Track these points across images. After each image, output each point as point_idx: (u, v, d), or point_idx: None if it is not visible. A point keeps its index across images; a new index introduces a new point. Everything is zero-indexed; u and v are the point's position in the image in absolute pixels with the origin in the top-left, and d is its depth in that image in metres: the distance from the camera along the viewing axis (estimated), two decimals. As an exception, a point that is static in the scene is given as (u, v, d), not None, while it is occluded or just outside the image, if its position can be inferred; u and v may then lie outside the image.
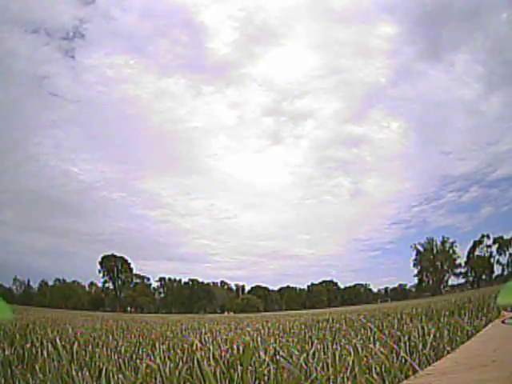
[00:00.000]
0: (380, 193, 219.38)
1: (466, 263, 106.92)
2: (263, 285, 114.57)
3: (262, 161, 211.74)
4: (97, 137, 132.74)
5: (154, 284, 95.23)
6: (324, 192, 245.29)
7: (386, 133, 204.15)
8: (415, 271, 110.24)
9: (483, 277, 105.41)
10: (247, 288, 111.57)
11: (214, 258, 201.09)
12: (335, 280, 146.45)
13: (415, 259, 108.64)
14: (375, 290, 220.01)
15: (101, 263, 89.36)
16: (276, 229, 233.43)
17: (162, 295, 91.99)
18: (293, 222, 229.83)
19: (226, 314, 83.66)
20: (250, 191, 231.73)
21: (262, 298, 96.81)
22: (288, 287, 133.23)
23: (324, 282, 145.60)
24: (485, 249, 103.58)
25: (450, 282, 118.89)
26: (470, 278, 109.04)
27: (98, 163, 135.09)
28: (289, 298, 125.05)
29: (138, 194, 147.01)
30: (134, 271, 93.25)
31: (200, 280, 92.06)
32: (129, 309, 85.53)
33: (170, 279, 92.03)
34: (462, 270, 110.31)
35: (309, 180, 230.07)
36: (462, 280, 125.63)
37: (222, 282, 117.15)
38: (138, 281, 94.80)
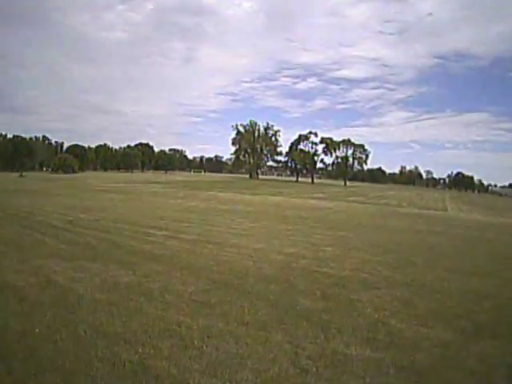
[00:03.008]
0: (213, 63, 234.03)
1: (287, 153, 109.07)
2: (81, 143, 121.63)
3: (105, 17, 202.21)
4: None
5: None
6: (157, 54, 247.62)
7: (235, 10, 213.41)
8: (233, 149, 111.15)
9: (304, 171, 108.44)
10: (66, 145, 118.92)
11: (41, 110, 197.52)
12: (151, 144, 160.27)
13: (234, 138, 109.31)
14: (191, 157, 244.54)
15: None
16: (104, 83, 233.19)
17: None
18: (121, 78, 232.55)
19: (45, 169, 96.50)
20: (87, 45, 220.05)
21: (78, 157, 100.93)
22: (105, 146, 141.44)
23: (140, 144, 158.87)
24: (310, 145, 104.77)
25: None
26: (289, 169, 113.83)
27: None
28: (104, 158, 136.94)
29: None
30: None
31: (23, 136, 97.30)
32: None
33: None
34: (283, 159, 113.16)
35: (145, 40, 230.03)
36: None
37: (43, 136, 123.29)
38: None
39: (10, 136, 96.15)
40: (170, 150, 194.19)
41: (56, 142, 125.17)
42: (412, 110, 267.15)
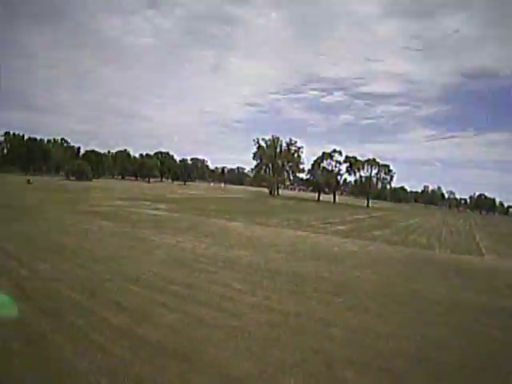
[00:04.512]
0: (240, 73, 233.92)
1: (309, 171, 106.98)
2: (100, 148, 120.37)
3: (133, 21, 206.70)
4: None
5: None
6: (185, 61, 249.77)
7: (264, 20, 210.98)
8: (254, 163, 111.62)
9: (326, 190, 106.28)
10: (85, 149, 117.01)
11: (65, 110, 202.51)
12: (171, 153, 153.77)
13: (255, 152, 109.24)
14: (213, 167, 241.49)
15: None
16: (129, 87, 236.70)
17: (5, 151, 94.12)
18: (146, 83, 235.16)
19: (61, 174, 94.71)
20: (114, 48, 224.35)
21: (93, 164, 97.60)
22: (125, 152, 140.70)
23: (160, 153, 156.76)
24: (333, 163, 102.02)
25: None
26: (312, 186, 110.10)
27: None
28: (122, 166, 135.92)
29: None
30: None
31: (40, 138, 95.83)
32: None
33: (14, 134, 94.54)
34: (304, 176, 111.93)
35: (173, 46, 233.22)
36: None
37: (62, 139, 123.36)
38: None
39: (26, 138, 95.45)
40: (192, 159, 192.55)
41: (73, 146, 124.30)
42: (435, 127, 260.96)
